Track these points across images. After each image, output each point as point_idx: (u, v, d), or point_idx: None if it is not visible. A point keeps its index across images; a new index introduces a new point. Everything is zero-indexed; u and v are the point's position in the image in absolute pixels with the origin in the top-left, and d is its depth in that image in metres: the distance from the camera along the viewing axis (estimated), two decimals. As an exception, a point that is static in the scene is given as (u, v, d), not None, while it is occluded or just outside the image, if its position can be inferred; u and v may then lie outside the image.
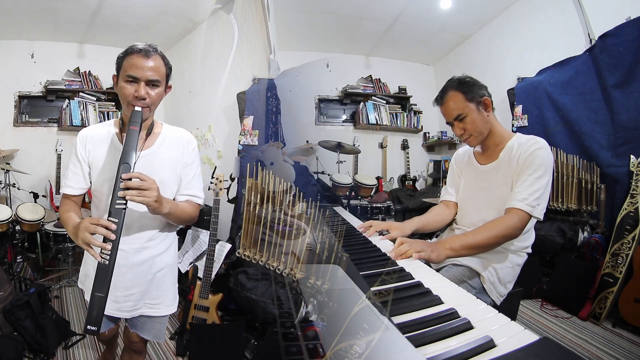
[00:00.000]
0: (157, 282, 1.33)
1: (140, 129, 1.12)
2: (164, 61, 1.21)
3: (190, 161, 1.32)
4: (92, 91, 3.92)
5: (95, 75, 3.98)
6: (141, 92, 1.14)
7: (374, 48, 4.42)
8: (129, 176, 1.05)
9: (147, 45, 1.19)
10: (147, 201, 1.08)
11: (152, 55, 1.17)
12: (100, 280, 1.01)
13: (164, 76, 1.21)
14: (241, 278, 2.21)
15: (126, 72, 1.16)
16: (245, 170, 1.76)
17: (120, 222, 1.03)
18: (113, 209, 1.04)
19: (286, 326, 0.83)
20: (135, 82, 1.15)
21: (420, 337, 0.72)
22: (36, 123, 3.84)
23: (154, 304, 1.34)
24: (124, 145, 1.09)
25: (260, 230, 1.62)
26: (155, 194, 1.09)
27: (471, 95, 1.37)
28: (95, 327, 0.98)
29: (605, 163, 2.69)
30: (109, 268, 1.01)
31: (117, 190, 1.04)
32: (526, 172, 1.31)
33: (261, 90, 3.15)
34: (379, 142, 4.56)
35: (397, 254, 1.24)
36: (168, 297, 1.38)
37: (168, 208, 1.17)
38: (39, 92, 3.81)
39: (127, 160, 1.06)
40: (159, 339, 1.43)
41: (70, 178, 1.25)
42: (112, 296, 1.24)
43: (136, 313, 1.32)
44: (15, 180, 3.38)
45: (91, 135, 1.25)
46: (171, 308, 1.39)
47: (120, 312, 1.29)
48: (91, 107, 3.89)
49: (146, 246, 1.28)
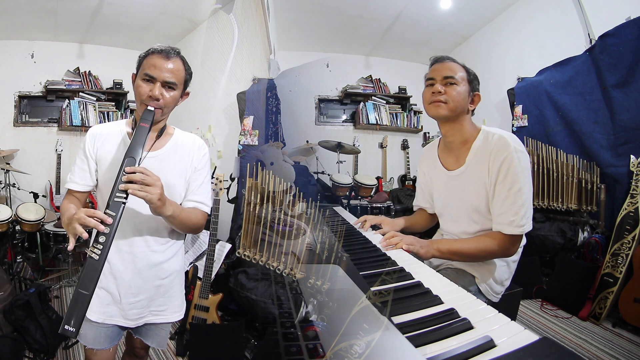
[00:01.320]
0: (164, 288, 1.28)
1: (150, 127, 1.09)
2: (184, 66, 1.19)
3: (200, 167, 1.28)
4: (92, 91, 3.92)
5: (95, 75, 3.97)
6: (155, 92, 1.12)
7: (374, 48, 4.41)
8: (133, 169, 1.01)
9: (170, 47, 1.17)
10: (150, 197, 1.03)
11: (172, 57, 1.15)
12: (87, 276, 0.92)
13: (182, 80, 1.18)
14: (241, 278, 2.21)
15: (144, 71, 1.14)
16: (245, 170, 1.76)
17: (117, 216, 0.97)
18: (112, 202, 0.98)
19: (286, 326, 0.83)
20: (151, 81, 1.13)
21: (420, 337, 0.72)
22: (36, 123, 3.84)
23: (160, 311, 1.29)
24: (131, 140, 1.07)
25: (260, 230, 1.62)
26: (159, 191, 1.05)
27: (471, 81, 1.34)
28: (74, 329, 0.89)
29: (605, 163, 2.69)
30: (99, 264, 0.93)
31: (118, 183, 1.00)
32: (504, 187, 1.23)
33: (261, 90, 3.15)
34: (379, 142, 4.56)
35: (388, 244, 1.28)
36: (175, 304, 1.34)
37: (172, 210, 1.12)
38: (39, 92, 3.81)
39: (133, 155, 1.03)
40: (162, 346, 1.38)
41: (77, 173, 1.22)
42: (117, 303, 1.21)
43: (141, 322, 1.27)
44: (15, 180, 3.38)
45: (101, 133, 1.22)
46: (177, 315, 1.35)
47: (125, 320, 1.23)
48: (91, 107, 3.89)
49: (155, 250, 1.24)
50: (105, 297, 1.20)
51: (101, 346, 1.22)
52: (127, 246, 1.20)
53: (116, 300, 1.21)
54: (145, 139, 1.07)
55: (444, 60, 1.36)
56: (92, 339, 1.21)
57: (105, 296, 1.20)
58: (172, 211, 1.12)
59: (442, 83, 1.31)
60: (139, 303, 1.23)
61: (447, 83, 1.31)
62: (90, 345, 1.21)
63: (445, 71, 1.32)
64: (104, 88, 3.98)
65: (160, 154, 1.22)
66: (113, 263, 1.19)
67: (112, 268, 1.19)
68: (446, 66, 1.33)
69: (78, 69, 3.90)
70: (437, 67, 1.35)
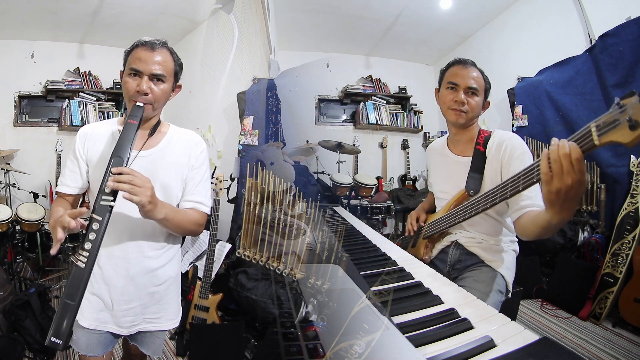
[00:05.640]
0: (159, 295, 1.21)
1: (139, 124, 1.02)
2: (172, 57, 1.12)
3: (198, 164, 1.20)
4: (92, 91, 3.92)
5: (95, 75, 3.97)
6: (143, 87, 1.05)
7: (374, 48, 4.41)
8: (120, 170, 0.93)
9: (155, 38, 1.10)
10: (139, 200, 0.94)
11: (158, 49, 1.08)
12: (73, 285, 0.86)
13: (171, 72, 1.12)
14: (241, 278, 2.21)
15: (130, 65, 1.07)
16: (245, 170, 1.76)
17: (104, 220, 0.90)
18: (98, 205, 0.91)
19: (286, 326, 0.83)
20: (138, 75, 1.07)
21: (420, 337, 0.73)
22: (36, 123, 3.84)
23: (154, 319, 1.22)
24: (118, 139, 0.99)
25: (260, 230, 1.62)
26: (149, 193, 0.97)
27: (487, 89, 1.40)
28: (60, 341, 0.83)
29: (605, 163, 2.69)
30: (85, 273, 0.87)
31: (104, 185, 0.92)
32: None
33: (261, 90, 3.15)
34: (379, 142, 4.56)
35: None
36: (170, 312, 1.26)
37: (164, 213, 1.03)
38: (39, 92, 3.81)
39: (120, 154, 0.96)
40: (156, 354, 1.30)
41: (67, 176, 1.16)
42: (110, 310, 1.15)
43: (135, 330, 1.20)
44: (15, 180, 3.38)
45: (91, 133, 1.16)
46: (173, 322, 1.27)
47: (118, 327, 1.16)
48: (91, 107, 3.89)
49: (149, 256, 1.16)
50: (97, 304, 1.14)
51: (94, 353, 1.17)
52: (120, 251, 1.13)
53: (108, 306, 1.15)
54: (134, 136, 1.00)
55: (467, 64, 1.38)
56: (85, 345, 1.16)
57: (97, 302, 1.14)
58: (165, 214, 1.04)
59: (465, 92, 1.35)
60: (132, 310, 1.16)
61: (470, 92, 1.35)
62: (83, 351, 1.16)
63: (470, 81, 1.35)
64: (104, 88, 3.98)
65: (153, 152, 1.14)
66: (104, 269, 1.13)
67: (104, 274, 1.13)
68: (471, 74, 1.35)
69: (78, 69, 3.90)
70: (462, 73, 1.36)
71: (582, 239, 2.73)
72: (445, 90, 1.40)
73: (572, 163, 0.84)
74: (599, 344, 2.16)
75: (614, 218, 2.53)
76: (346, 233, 1.66)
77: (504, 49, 3.72)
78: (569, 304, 2.57)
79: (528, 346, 0.67)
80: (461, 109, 1.35)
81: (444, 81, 1.42)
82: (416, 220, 1.59)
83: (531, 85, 3.24)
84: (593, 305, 2.44)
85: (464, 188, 1.35)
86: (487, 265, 1.35)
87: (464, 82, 1.35)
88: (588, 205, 2.73)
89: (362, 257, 1.29)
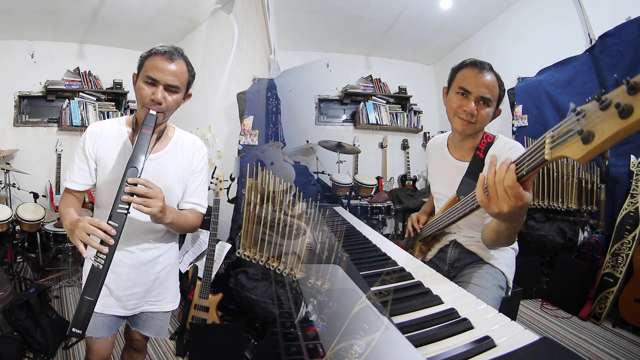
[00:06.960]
0: (160, 280, 1.33)
1: (153, 133, 1.09)
2: (187, 67, 1.17)
3: (199, 169, 1.29)
4: (92, 91, 3.92)
5: (95, 75, 3.97)
6: (158, 96, 1.10)
7: (374, 48, 4.41)
8: (135, 181, 1.02)
9: (173, 47, 1.14)
10: (152, 211, 1.05)
11: (175, 59, 1.13)
12: (92, 283, 0.98)
13: (185, 83, 1.16)
14: (241, 278, 2.21)
15: (146, 73, 1.11)
16: (245, 170, 1.76)
17: (120, 226, 1.00)
18: (114, 213, 1.00)
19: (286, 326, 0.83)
20: (153, 84, 1.11)
21: (420, 337, 0.73)
22: (36, 123, 3.84)
23: (156, 301, 1.34)
24: (133, 149, 1.06)
25: (260, 230, 1.62)
26: (160, 204, 1.06)
27: (500, 97, 1.30)
28: (81, 331, 0.96)
29: (605, 163, 2.69)
30: (102, 272, 0.98)
31: (121, 194, 1.01)
32: None
33: (261, 90, 3.15)
34: (379, 142, 4.56)
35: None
36: (170, 295, 1.38)
37: (171, 218, 1.15)
38: (39, 92, 3.81)
39: (135, 164, 1.03)
40: (161, 335, 1.42)
41: (76, 173, 1.21)
42: (114, 296, 1.26)
43: (137, 310, 1.32)
44: (15, 180, 3.38)
45: (101, 132, 1.20)
46: (173, 304, 1.39)
47: (123, 310, 1.28)
48: (91, 107, 3.89)
49: (150, 247, 1.28)
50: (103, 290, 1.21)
51: (100, 335, 1.26)
52: (124, 244, 1.21)
53: (114, 292, 1.25)
54: (148, 146, 1.07)
55: (483, 69, 1.24)
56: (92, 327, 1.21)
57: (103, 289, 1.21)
58: (172, 218, 1.15)
59: (476, 101, 1.23)
60: (136, 295, 1.28)
61: (483, 101, 1.23)
62: (90, 333, 1.23)
63: (483, 90, 1.22)
64: (104, 88, 3.98)
65: (160, 156, 1.22)
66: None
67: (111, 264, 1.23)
68: (485, 82, 1.22)
69: (78, 69, 3.90)
70: (475, 80, 1.23)
71: (582, 239, 2.72)
72: (454, 95, 1.27)
73: (506, 190, 0.78)
74: (599, 344, 2.16)
75: (614, 218, 2.53)
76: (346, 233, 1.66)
77: (504, 49, 3.71)
78: (569, 304, 2.57)
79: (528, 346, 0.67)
80: (470, 120, 1.24)
81: (454, 83, 1.28)
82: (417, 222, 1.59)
83: (531, 85, 3.24)
84: (593, 305, 2.44)
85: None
86: (487, 262, 1.35)
87: (476, 90, 1.21)
88: (588, 205, 2.73)
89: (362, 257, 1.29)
